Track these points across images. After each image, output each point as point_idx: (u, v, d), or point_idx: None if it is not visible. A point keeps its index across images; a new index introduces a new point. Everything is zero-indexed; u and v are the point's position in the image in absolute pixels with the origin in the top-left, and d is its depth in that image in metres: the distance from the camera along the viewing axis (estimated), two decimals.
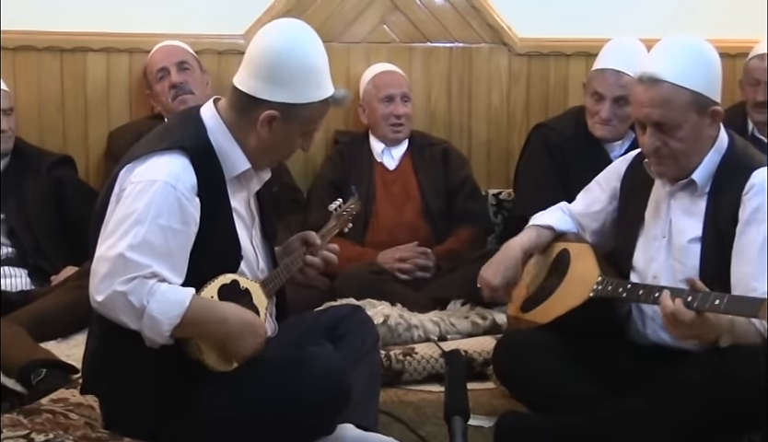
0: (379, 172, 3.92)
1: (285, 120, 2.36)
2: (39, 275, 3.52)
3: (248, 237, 2.48)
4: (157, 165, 2.30)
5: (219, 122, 2.40)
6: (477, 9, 4.21)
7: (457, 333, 3.38)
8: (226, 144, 2.39)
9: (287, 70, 2.34)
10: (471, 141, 4.31)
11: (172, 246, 2.26)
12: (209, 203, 2.33)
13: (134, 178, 2.30)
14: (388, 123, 3.91)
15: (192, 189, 2.30)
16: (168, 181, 2.27)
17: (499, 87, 4.30)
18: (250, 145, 2.40)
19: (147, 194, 2.26)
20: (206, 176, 2.33)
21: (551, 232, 2.92)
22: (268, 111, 2.35)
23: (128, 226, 2.24)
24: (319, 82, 2.39)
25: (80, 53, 3.91)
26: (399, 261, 3.68)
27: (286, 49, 2.35)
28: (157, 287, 2.23)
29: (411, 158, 3.96)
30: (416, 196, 3.89)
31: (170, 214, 2.26)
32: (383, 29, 4.19)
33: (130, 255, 2.22)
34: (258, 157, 2.43)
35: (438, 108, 4.28)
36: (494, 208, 4.16)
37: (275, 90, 2.35)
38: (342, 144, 4.03)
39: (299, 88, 2.35)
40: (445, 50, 4.24)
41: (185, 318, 2.24)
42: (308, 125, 2.41)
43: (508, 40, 4.26)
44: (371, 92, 3.96)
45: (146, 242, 2.23)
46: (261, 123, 2.36)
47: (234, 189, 2.43)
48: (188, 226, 2.29)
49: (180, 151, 2.32)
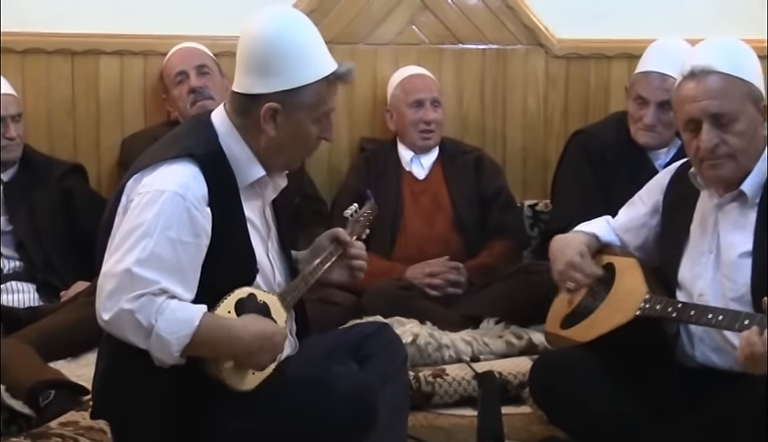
0: (408, 182, 3.92)
1: (289, 110, 2.36)
2: (48, 291, 3.54)
3: (263, 249, 2.49)
4: (166, 174, 2.31)
5: (230, 127, 2.41)
6: (512, 8, 4.21)
7: (490, 354, 3.37)
8: (238, 150, 2.40)
9: (276, 56, 2.35)
10: (506, 148, 4.30)
11: (182, 260, 2.27)
12: (221, 213, 2.33)
13: (142, 188, 2.31)
14: (417, 130, 3.91)
15: (203, 199, 2.30)
16: (178, 192, 2.27)
17: (536, 91, 4.29)
18: (260, 147, 2.40)
19: (156, 206, 2.26)
20: (218, 185, 2.34)
21: (595, 240, 2.91)
22: (267, 104, 2.35)
23: (135, 240, 2.25)
24: (314, 61, 2.38)
25: (92, 56, 3.93)
26: (429, 277, 3.68)
27: (271, 35, 2.36)
28: (166, 305, 2.23)
29: (441, 167, 3.95)
30: (447, 207, 3.89)
31: (180, 226, 2.26)
32: (412, 29, 4.19)
33: (137, 271, 2.23)
34: (272, 159, 2.43)
35: (471, 113, 4.28)
36: (529, 220, 4.15)
37: (269, 81, 2.35)
38: (368, 152, 4.03)
39: (293, 72, 2.35)
40: (478, 52, 4.24)
41: (195, 337, 2.24)
42: (316, 110, 2.40)
43: (545, 42, 4.25)
44: (399, 97, 3.97)
45: (155, 256, 2.24)
46: (264, 120, 2.36)
47: (248, 198, 2.43)
48: (199, 238, 2.29)
49: (190, 159, 2.33)
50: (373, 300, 3.49)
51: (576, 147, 3.80)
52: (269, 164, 2.43)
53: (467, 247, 3.84)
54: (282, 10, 2.43)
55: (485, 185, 3.94)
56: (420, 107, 3.92)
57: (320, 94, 2.39)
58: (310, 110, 2.39)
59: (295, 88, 2.35)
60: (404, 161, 3.95)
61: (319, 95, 2.39)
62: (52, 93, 3.93)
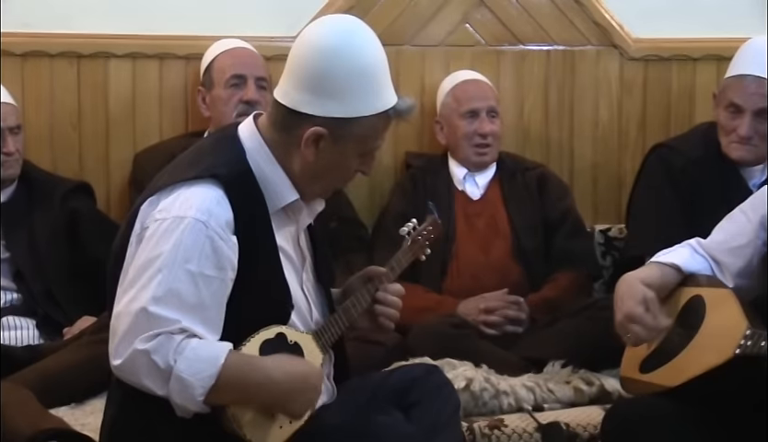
0: (461, 203, 3.91)
1: (335, 139, 2.36)
2: (49, 327, 3.55)
3: (297, 281, 2.49)
4: (186, 197, 2.31)
5: (261, 143, 2.41)
6: (581, 4, 4.20)
7: (556, 402, 3.35)
8: (269, 170, 2.40)
9: (336, 77, 2.34)
10: (574, 165, 4.29)
11: (204, 296, 2.27)
12: (249, 242, 2.33)
13: (159, 214, 2.31)
14: (471, 144, 3.91)
15: (228, 226, 2.31)
16: (199, 218, 2.28)
17: (608, 98, 4.28)
18: (294, 169, 2.40)
19: (174, 234, 2.27)
20: (245, 210, 2.34)
21: (677, 273, 2.88)
22: (313, 128, 2.35)
23: (151, 275, 2.25)
24: (375, 90, 2.38)
25: (101, 60, 3.97)
26: (484, 313, 3.66)
27: (333, 51, 2.35)
28: (186, 343, 2.23)
29: (499, 186, 3.95)
30: (506, 232, 3.89)
31: (202, 257, 2.27)
32: (466, 28, 4.19)
33: (154, 309, 2.23)
34: (306, 185, 2.43)
35: (533, 124, 4.27)
36: (601, 248, 4.14)
37: (321, 102, 2.34)
38: (415, 169, 4.04)
39: (351, 99, 2.35)
40: (541, 53, 4.24)
41: (221, 379, 2.24)
42: (364, 144, 2.40)
43: (620, 42, 4.24)
44: (451, 106, 3.97)
45: (173, 293, 2.24)
46: (305, 143, 2.36)
47: (280, 224, 2.44)
48: (223, 271, 2.29)
49: (213, 180, 2.33)
50: (420, 339, 3.48)
51: (655, 164, 3.77)
52: (301, 186, 2.44)
53: (528, 278, 3.83)
54: (350, 22, 2.43)
55: (550, 207, 3.93)
56: (474, 117, 3.91)
57: (373, 129, 2.39)
58: (359, 143, 2.40)
59: (350, 118, 2.36)
60: (456, 180, 3.95)
61: (372, 130, 2.39)
62: (56, 102, 3.97)
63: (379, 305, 2.64)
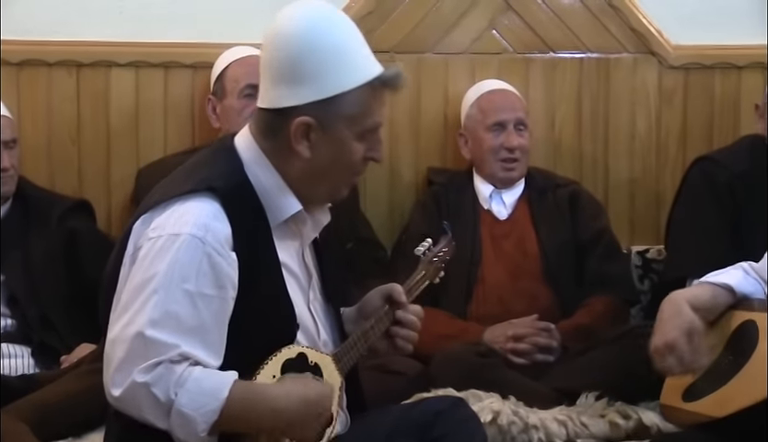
0: (487, 223, 3.91)
1: (325, 125, 2.37)
2: (45, 355, 3.57)
3: (303, 300, 2.50)
4: (181, 213, 2.32)
5: (258, 152, 2.43)
6: (616, 8, 4.21)
7: (590, 437, 3.34)
8: (269, 180, 2.41)
9: (305, 60, 2.35)
10: (609, 181, 4.29)
11: (204, 317, 2.28)
12: (250, 258, 2.34)
13: (152, 232, 2.32)
14: (497, 159, 3.91)
15: (227, 241, 2.31)
16: (196, 234, 2.29)
17: (646, 109, 4.28)
18: (294, 174, 2.41)
19: (169, 253, 2.27)
20: (245, 224, 2.35)
21: (729, 294, 2.87)
22: (298, 120, 2.36)
23: (147, 296, 2.26)
24: (351, 63, 2.39)
25: (102, 69, 3.99)
26: (512, 340, 3.66)
27: (298, 35, 2.37)
28: (188, 374, 2.24)
29: (528, 205, 3.96)
30: (535, 254, 3.89)
31: (200, 276, 2.28)
32: (492, 35, 4.21)
33: (151, 334, 2.23)
34: (309, 188, 2.44)
35: (565, 138, 4.28)
36: (638, 271, 4.13)
37: (298, 91, 2.36)
38: (437, 185, 4.04)
39: (328, 78, 2.36)
40: (573, 61, 4.25)
41: (225, 412, 2.24)
42: (359, 123, 2.40)
43: (658, 49, 4.24)
44: (476, 118, 3.97)
45: (171, 315, 2.25)
46: (295, 139, 2.37)
47: (283, 239, 2.44)
48: (223, 290, 2.30)
49: (210, 193, 2.34)
50: (444, 369, 3.48)
51: (697, 179, 3.76)
52: (306, 194, 2.44)
53: (560, 303, 3.83)
54: (310, 5, 2.44)
55: (583, 227, 3.93)
56: (501, 130, 3.92)
57: (362, 104, 2.39)
58: (352, 123, 2.40)
59: (331, 98, 2.37)
60: (482, 197, 3.95)
61: (361, 105, 2.39)
62: (54, 113, 3.99)
63: (398, 327, 2.64)
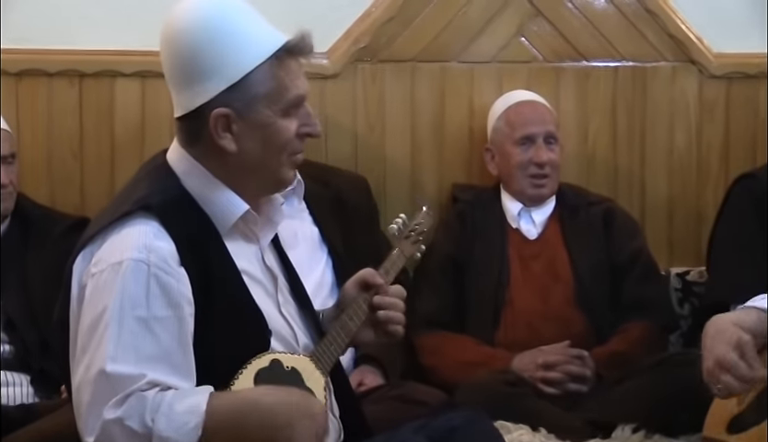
0: (515, 243, 3.91)
1: (241, 112, 2.39)
2: (45, 383, 3.58)
3: (273, 305, 2.50)
4: (120, 240, 2.34)
5: (190, 161, 2.45)
6: (653, 14, 4.21)
7: None
8: (207, 187, 2.44)
9: (203, 53, 2.38)
10: (645, 199, 4.29)
11: (164, 341, 2.29)
12: (203, 271, 2.36)
13: (95, 267, 2.34)
14: (526, 175, 3.92)
15: (172, 258, 2.33)
16: (138, 258, 2.30)
17: (686, 122, 4.28)
18: (229, 172, 2.43)
19: (115, 283, 2.29)
20: (189, 236, 2.37)
21: None
22: (213, 113, 2.38)
23: (101, 333, 2.27)
24: (250, 41, 2.40)
25: (106, 79, 4.01)
26: (543, 369, 3.66)
27: (188, 30, 2.40)
28: (161, 398, 2.25)
29: (559, 224, 3.96)
30: (567, 277, 3.89)
31: (150, 299, 2.29)
32: (521, 42, 4.21)
33: (113, 369, 2.24)
34: (250, 183, 2.45)
35: (598, 152, 4.28)
36: (678, 294, 4.12)
37: (205, 85, 2.38)
38: (462, 203, 4.04)
39: (229, 64, 2.38)
40: (608, 71, 4.25)
41: (208, 426, 2.25)
42: (277, 100, 2.41)
43: (699, 57, 4.24)
44: (503, 131, 3.97)
45: (129, 346, 2.26)
46: (217, 135, 2.39)
47: (237, 245, 2.46)
48: (178, 308, 2.31)
49: (146, 213, 2.36)
50: (470, 398, 3.45)
51: (740, 196, 3.74)
52: (248, 190, 2.46)
53: (593, 329, 3.83)
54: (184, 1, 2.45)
55: (618, 247, 3.93)
56: (530, 144, 3.92)
57: (274, 78, 2.40)
58: (270, 102, 2.41)
59: (239, 82, 2.38)
60: (510, 215, 3.95)
61: (272, 80, 2.40)
62: (55, 126, 4.01)
63: (380, 312, 2.65)
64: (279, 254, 2.61)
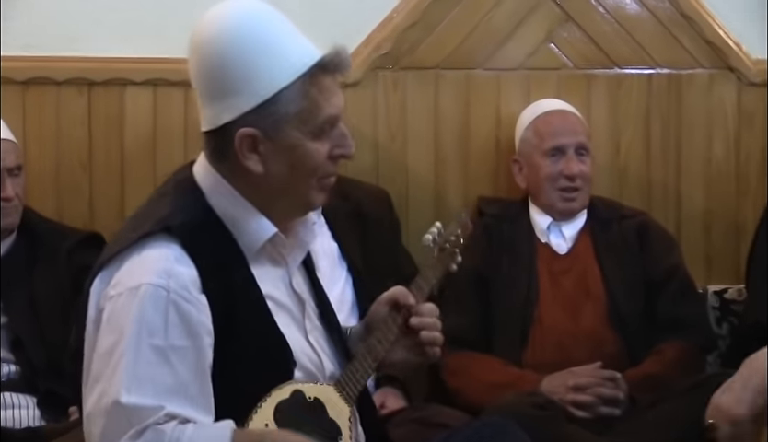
0: (545, 259, 3.91)
1: (270, 133, 2.36)
2: (52, 406, 3.58)
3: (300, 331, 2.49)
4: (139, 263, 2.33)
5: (216, 178, 2.43)
6: (689, 18, 4.21)
7: None
8: (234, 207, 2.42)
9: (232, 67, 2.35)
10: (681, 212, 4.29)
11: (181, 372, 2.28)
12: (225, 297, 2.34)
13: (113, 289, 2.33)
14: (556, 187, 3.91)
15: (193, 284, 2.31)
16: (157, 283, 2.29)
17: (724, 131, 4.27)
18: (255, 193, 2.41)
19: (132, 308, 2.28)
20: (213, 261, 2.35)
21: None
22: (239, 132, 2.35)
23: (116, 361, 2.26)
24: (282, 56, 2.36)
25: (116, 88, 4.03)
26: (574, 391, 3.65)
27: (217, 41, 2.36)
28: (180, 433, 2.24)
29: (590, 238, 3.95)
30: (599, 294, 3.88)
31: (168, 327, 2.28)
32: (550, 49, 4.22)
33: (128, 400, 2.24)
34: (277, 206, 2.43)
35: (632, 163, 4.28)
36: (716, 313, 4.11)
37: (233, 102, 2.35)
38: (489, 217, 4.04)
39: (258, 80, 2.35)
40: (641, 78, 4.25)
41: None
42: (308, 120, 2.38)
43: (737, 64, 4.23)
44: (532, 142, 3.97)
45: (145, 376, 2.25)
46: (242, 155, 2.37)
47: (264, 268, 2.45)
48: (197, 338, 2.30)
49: (167, 235, 2.34)
50: None
51: None
52: (276, 212, 2.44)
53: (627, 349, 3.82)
54: (223, 5, 2.42)
55: (652, 263, 3.92)
56: (560, 156, 3.91)
57: (305, 98, 2.36)
58: (300, 122, 2.37)
59: (268, 101, 2.35)
60: (539, 230, 3.95)
61: (304, 99, 2.36)
62: (63, 137, 4.02)
63: (423, 332, 2.63)
64: (309, 275, 2.59)
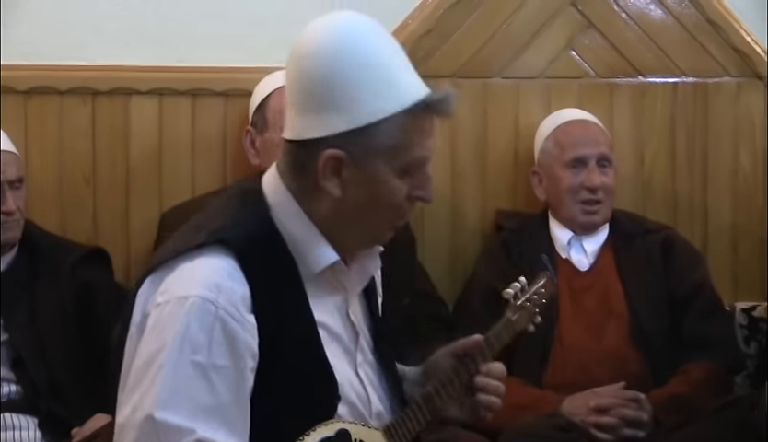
0: (565, 275, 3.90)
1: (357, 159, 2.33)
2: (54, 427, 3.58)
3: (349, 364, 2.47)
4: (190, 272, 2.31)
5: (285, 194, 2.40)
6: (716, 25, 4.21)
7: None
8: (297, 226, 2.39)
9: (336, 83, 2.31)
10: (708, 226, 4.29)
11: (221, 393, 2.26)
12: (276, 320, 2.32)
13: (161, 296, 2.31)
14: (577, 200, 3.92)
15: (243, 302, 2.29)
16: (206, 296, 2.27)
17: (751, 142, 4.27)
18: (324, 216, 2.38)
19: (178, 319, 2.26)
20: (267, 280, 2.33)
21: None
22: (326, 153, 2.32)
23: (154, 373, 2.25)
24: (389, 84, 2.33)
25: (121, 97, 4.02)
26: (596, 412, 3.65)
27: (327, 53, 2.33)
28: None
29: (613, 254, 3.96)
30: (622, 312, 3.88)
31: (212, 345, 2.26)
32: (570, 56, 4.22)
33: (161, 416, 2.22)
34: (343, 234, 2.41)
35: (656, 175, 4.28)
36: (744, 331, 4.11)
37: (327, 120, 2.32)
38: (507, 231, 4.04)
39: (361, 104, 2.31)
40: (666, 87, 4.25)
41: None
42: (399, 157, 2.35)
43: (766, 71, 4.23)
44: (552, 153, 3.98)
45: (182, 394, 2.24)
46: (323, 175, 2.34)
47: (319, 293, 2.42)
48: (241, 360, 2.28)
49: (222, 247, 2.32)
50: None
51: None
52: (340, 240, 2.41)
53: (651, 369, 3.83)
54: (339, 17, 2.40)
55: (678, 279, 3.92)
56: (582, 167, 3.92)
57: (402, 134, 2.33)
58: (391, 157, 2.34)
59: (365, 127, 2.32)
60: (559, 245, 3.96)
61: (401, 135, 2.33)
62: (66, 149, 4.02)
63: (479, 392, 2.60)
64: (369, 305, 2.57)
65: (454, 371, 2.60)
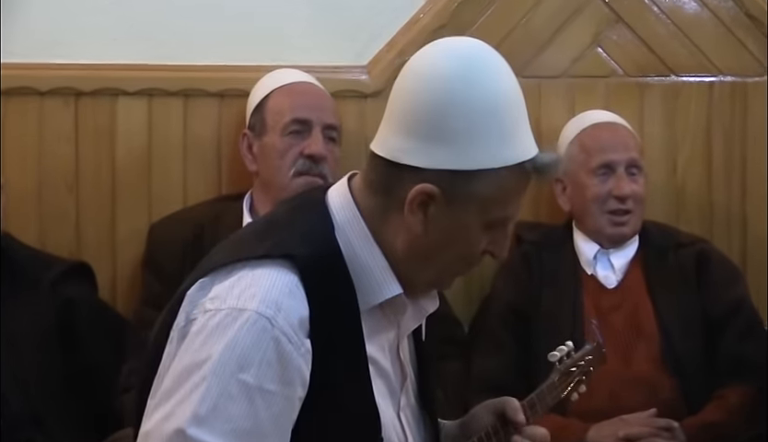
0: (591, 292, 3.91)
1: (450, 201, 2.32)
2: None
3: (393, 406, 2.47)
4: (248, 284, 2.30)
5: (355, 214, 2.39)
6: (755, 19, 4.21)
7: None
8: (363, 251, 2.38)
9: (450, 117, 2.31)
10: (747, 239, 4.29)
11: (263, 419, 2.25)
12: (328, 348, 2.31)
13: (210, 303, 2.31)
14: (604, 210, 3.91)
15: (302, 325, 2.29)
16: (263, 313, 2.26)
17: None
18: (397, 249, 2.38)
19: (228, 332, 2.26)
20: (327, 305, 2.32)
21: None
22: (421, 186, 2.31)
23: (194, 384, 2.24)
24: (506, 135, 2.34)
25: (106, 98, 4.02)
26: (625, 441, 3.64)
27: (448, 82, 2.32)
28: None
29: (643, 269, 3.96)
30: (653, 332, 3.89)
31: (263, 366, 2.25)
32: (597, 54, 4.23)
33: (194, 433, 2.21)
34: (413, 271, 2.40)
35: (690, 183, 4.28)
36: None
37: (431, 151, 2.32)
38: (528, 244, 4.04)
39: (471, 146, 2.31)
40: (702, 87, 4.25)
41: None
42: (489, 211, 2.35)
43: None
44: (577, 159, 3.97)
45: (221, 413, 2.22)
46: (410, 206, 2.33)
47: (374, 326, 2.42)
48: (290, 387, 2.28)
49: (287, 262, 2.31)
50: None
51: None
52: (406, 276, 2.41)
53: (684, 394, 3.83)
54: (473, 47, 2.40)
55: (713, 297, 3.93)
56: (609, 174, 3.91)
57: (502, 189, 2.34)
58: (483, 208, 2.35)
59: (469, 171, 2.32)
60: (585, 259, 3.96)
61: (501, 190, 2.34)
62: (46, 154, 4.02)
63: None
64: (417, 347, 2.58)
65: (493, 430, 2.61)
